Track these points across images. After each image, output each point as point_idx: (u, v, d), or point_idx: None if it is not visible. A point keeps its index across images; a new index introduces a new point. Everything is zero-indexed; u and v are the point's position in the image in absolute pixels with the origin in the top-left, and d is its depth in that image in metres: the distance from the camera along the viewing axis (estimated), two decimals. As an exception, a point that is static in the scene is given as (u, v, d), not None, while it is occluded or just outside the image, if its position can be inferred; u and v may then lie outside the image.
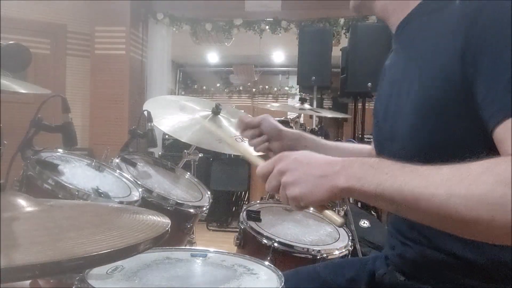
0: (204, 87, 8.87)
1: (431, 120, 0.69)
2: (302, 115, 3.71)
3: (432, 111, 0.69)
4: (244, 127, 1.14)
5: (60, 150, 1.48)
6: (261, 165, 0.76)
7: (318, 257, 1.31)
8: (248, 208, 1.51)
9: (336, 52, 4.05)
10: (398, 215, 0.79)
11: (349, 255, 1.41)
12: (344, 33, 4.55)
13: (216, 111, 1.75)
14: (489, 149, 0.61)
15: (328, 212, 0.72)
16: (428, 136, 0.70)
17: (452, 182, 0.55)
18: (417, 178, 0.58)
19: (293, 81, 8.02)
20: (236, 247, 1.43)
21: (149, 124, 1.67)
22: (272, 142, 1.13)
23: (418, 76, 0.72)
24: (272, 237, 1.33)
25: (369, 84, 3.57)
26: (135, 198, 1.40)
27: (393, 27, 0.83)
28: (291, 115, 5.50)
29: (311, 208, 1.70)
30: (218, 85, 8.86)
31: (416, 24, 0.77)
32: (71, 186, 1.25)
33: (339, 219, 0.72)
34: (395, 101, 0.79)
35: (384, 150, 0.85)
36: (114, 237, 0.52)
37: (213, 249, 0.99)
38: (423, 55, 0.73)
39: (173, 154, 4.10)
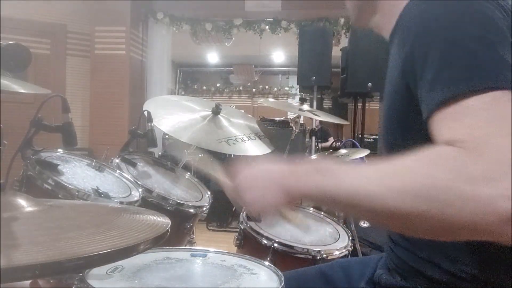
0: (204, 87, 8.88)
1: (396, 125, 0.73)
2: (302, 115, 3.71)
3: (396, 118, 0.72)
4: None
5: (60, 150, 1.48)
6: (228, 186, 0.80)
7: (318, 258, 1.31)
8: (248, 208, 1.51)
9: (336, 52, 4.05)
10: None
11: (349, 255, 1.40)
12: (344, 33, 4.55)
13: (216, 111, 1.75)
14: None
15: (285, 212, 0.76)
16: (397, 139, 0.73)
17: (387, 176, 0.56)
18: (353, 176, 0.60)
19: (293, 81, 8.03)
20: (236, 247, 1.43)
21: (149, 124, 1.67)
22: None
23: (387, 87, 0.77)
24: (272, 237, 1.33)
25: (369, 84, 3.56)
26: (135, 198, 1.40)
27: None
28: (291, 115, 5.50)
29: (311, 209, 1.70)
30: (218, 85, 8.87)
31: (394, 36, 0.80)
32: (71, 186, 1.25)
33: (297, 219, 0.76)
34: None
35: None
36: (114, 237, 0.52)
37: (213, 249, 0.99)
38: (390, 66, 0.77)
39: (173, 154, 4.10)
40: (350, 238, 1.49)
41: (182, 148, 1.74)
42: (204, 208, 1.68)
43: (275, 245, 1.31)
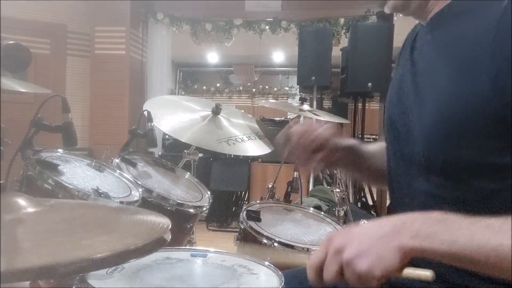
0: (204, 87, 8.89)
1: (457, 127, 0.66)
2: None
3: (460, 117, 0.65)
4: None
5: (60, 150, 1.48)
6: (312, 257, 0.66)
7: (318, 257, 1.31)
8: (248, 208, 1.51)
9: (336, 52, 4.05)
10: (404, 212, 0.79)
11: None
12: (344, 33, 4.55)
13: (216, 111, 1.75)
14: None
15: (410, 271, 0.62)
16: (448, 144, 0.67)
17: None
18: (496, 234, 0.55)
19: (293, 81, 8.04)
20: (236, 247, 1.43)
21: (149, 124, 1.67)
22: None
23: (448, 77, 0.68)
24: (272, 237, 1.33)
25: (369, 84, 3.57)
26: (135, 198, 1.40)
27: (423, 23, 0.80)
28: (291, 115, 5.50)
29: (311, 209, 1.70)
30: (218, 85, 8.88)
31: (449, 24, 0.74)
32: (71, 186, 1.25)
33: (428, 273, 0.61)
34: (413, 100, 0.76)
35: (397, 149, 0.82)
36: (114, 238, 0.52)
37: (213, 249, 0.99)
38: (456, 55, 0.69)
39: (173, 154, 4.11)
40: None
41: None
42: (204, 208, 1.68)
43: (275, 244, 1.31)
